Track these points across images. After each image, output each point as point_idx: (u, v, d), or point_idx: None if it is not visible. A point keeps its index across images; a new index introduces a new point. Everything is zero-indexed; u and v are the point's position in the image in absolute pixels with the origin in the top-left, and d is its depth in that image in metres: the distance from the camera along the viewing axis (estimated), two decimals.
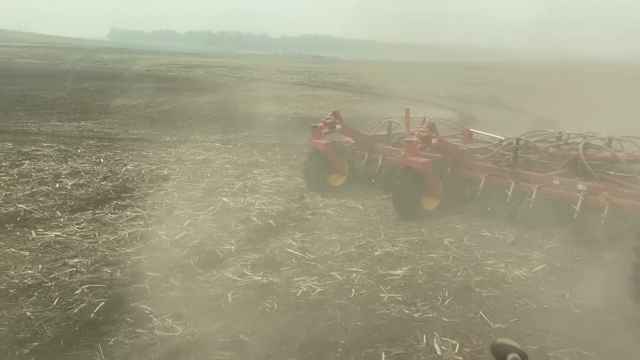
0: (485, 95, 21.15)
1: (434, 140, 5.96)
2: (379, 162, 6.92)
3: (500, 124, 10.73)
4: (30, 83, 20.39)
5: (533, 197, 5.46)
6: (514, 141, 6.02)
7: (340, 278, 4.25)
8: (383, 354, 3.21)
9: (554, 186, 5.43)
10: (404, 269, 4.45)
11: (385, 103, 18.73)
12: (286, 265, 4.49)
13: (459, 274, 4.42)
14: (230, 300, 3.87)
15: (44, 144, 9.33)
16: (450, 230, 5.46)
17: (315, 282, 4.15)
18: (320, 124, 6.93)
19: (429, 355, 3.25)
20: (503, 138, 6.50)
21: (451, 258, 4.74)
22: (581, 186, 5.24)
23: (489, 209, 5.80)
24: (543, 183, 5.51)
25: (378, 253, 4.79)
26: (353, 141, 7.32)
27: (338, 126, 6.98)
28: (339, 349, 3.29)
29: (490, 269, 4.51)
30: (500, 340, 1.50)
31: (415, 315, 3.74)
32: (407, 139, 6.05)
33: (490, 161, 6.20)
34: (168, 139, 10.62)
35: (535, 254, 4.91)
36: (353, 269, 4.41)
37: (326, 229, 5.42)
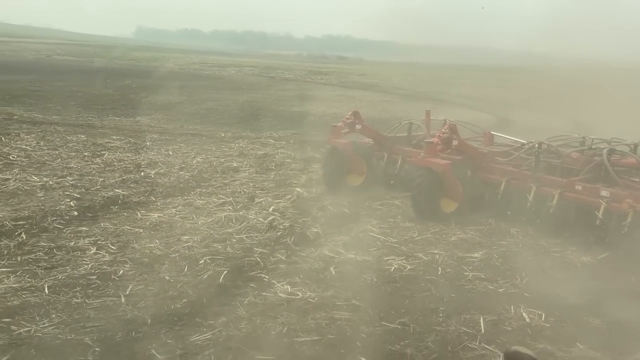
0: (516, 98, 21.39)
1: (454, 142, 5.97)
2: (398, 163, 6.84)
3: (534, 127, 11.07)
4: (74, 80, 21.28)
5: (554, 202, 5.37)
6: (536, 145, 5.99)
7: (425, 258, 4.78)
8: (481, 319, 3.72)
9: (577, 192, 5.34)
10: (480, 252, 4.95)
11: (418, 104, 19.12)
12: (373, 247, 5.03)
13: (530, 258, 4.91)
14: (333, 272, 4.41)
15: (113, 137, 10.01)
16: (516, 221, 5.83)
17: (404, 261, 4.68)
18: (340, 124, 6.95)
19: (519, 322, 3.75)
20: (525, 142, 6.46)
21: (520, 245, 5.23)
22: (604, 192, 5.14)
23: (508, 212, 5.76)
24: (565, 188, 5.41)
25: (453, 239, 5.30)
26: (372, 142, 7.27)
27: (358, 126, 6.94)
28: (440, 314, 3.81)
29: (558, 255, 4.98)
30: (515, 347, 1.43)
31: (499, 290, 4.24)
32: (427, 140, 6.06)
33: (512, 165, 6.13)
34: (223, 134, 11.23)
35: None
36: (435, 252, 4.93)
37: (399, 217, 5.95)
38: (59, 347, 3.17)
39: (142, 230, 5.21)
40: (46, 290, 3.85)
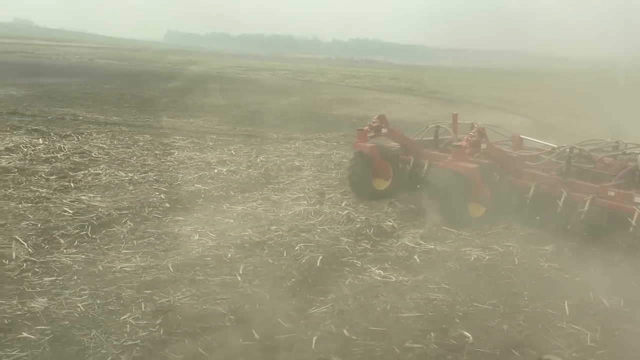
0: (550, 102, 21.35)
1: (483, 146, 5.85)
2: (425, 167, 6.74)
3: (574, 132, 11.18)
4: (121, 82, 22.18)
5: (585, 208, 5.26)
6: (567, 149, 5.88)
7: (501, 250, 5.14)
8: (565, 302, 4.07)
9: (609, 198, 5.23)
10: (550, 246, 5.27)
11: (456, 108, 19.33)
12: (449, 239, 5.41)
13: (598, 253, 5.20)
14: (418, 260, 4.81)
15: (176, 137, 10.59)
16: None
17: (481, 252, 5.05)
18: (366, 127, 6.87)
19: (600, 307, 4.07)
20: (556, 146, 6.38)
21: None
22: (638, 199, 5.03)
23: (537, 218, 5.66)
24: (597, 194, 5.31)
25: (522, 234, 5.63)
26: (399, 145, 7.20)
27: (384, 130, 6.88)
28: (525, 298, 4.17)
29: (625, 246, 5.27)
30: (547, 356, 1.41)
31: (575, 279, 4.58)
32: (455, 144, 5.93)
33: (541, 169, 6.02)
34: (275, 136, 11.73)
35: None
36: (508, 244, 5.29)
37: None
38: (199, 314, 3.65)
39: (232, 221, 5.70)
40: (170, 269, 4.35)
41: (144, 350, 3.23)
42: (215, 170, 7.92)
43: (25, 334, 3.32)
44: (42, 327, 3.41)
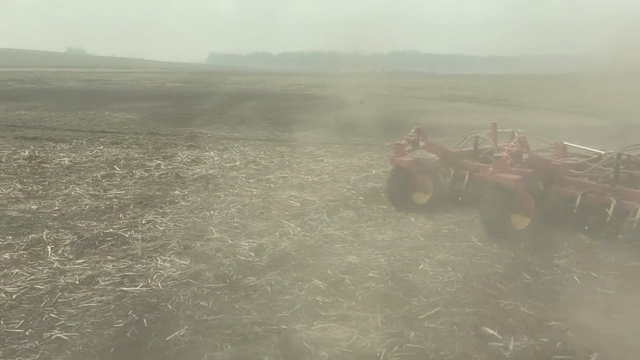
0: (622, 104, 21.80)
1: (524, 156, 5.75)
2: (466, 179, 6.67)
3: None
4: (206, 103, 23.96)
5: (637, 216, 5.11)
6: (615, 155, 5.76)
7: None
8: None
9: None
10: None
11: (530, 114, 20.13)
12: None
13: None
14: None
15: (309, 147, 11.99)
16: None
17: None
18: (403, 141, 6.84)
19: None
20: (602, 152, 6.28)
21: None
22: None
23: (586, 228, 5.58)
24: None
25: None
26: (438, 158, 7.16)
27: (422, 143, 6.85)
28: None
29: None
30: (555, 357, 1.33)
31: None
32: (496, 155, 5.80)
33: (587, 177, 5.92)
34: (388, 144, 13.08)
35: None
36: None
37: None
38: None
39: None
40: (420, 238, 5.70)
41: None
42: (374, 172, 9.28)
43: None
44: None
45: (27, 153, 10.38)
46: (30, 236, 5.56)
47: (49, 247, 5.28)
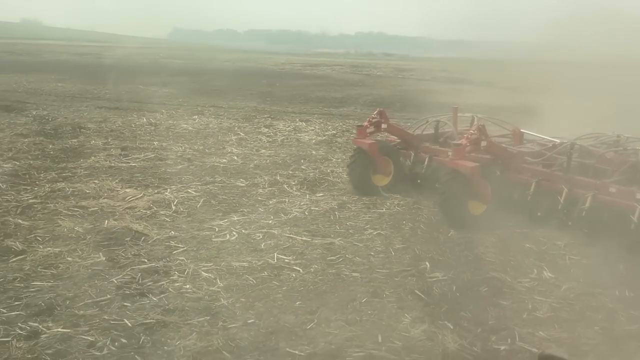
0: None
1: (483, 144, 5.79)
2: (426, 162, 6.75)
3: None
4: (221, 80, 24.67)
5: (587, 204, 5.29)
6: (569, 145, 5.90)
7: None
8: None
9: (611, 194, 5.26)
10: None
11: (536, 96, 22.33)
12: None
13: None
14: None
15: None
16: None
17: None
18: (366, 123, 6.85)
19: None
20: (557, 140, 6.41)
21: None
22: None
23: (538, 214, 5.71)
24: (598, 190, 5.34)
25: None
26: (399, 140, 7.20)
27: (384, 125, 6.87)
28: None
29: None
30: (549, 351, 1.49)
31: None
32: (456, 142, 5.83)
33: (542, 165, 6.07)
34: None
35: None
36: None
37: None
38: None
39: None
40: None
41: None
42: None
43: None
44: None
45: (144, 120, 11.76)
46: (265, 177, 7.33)
47: (286, 185, 7.08)
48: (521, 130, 7.07)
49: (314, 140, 10.56)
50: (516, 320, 3.89)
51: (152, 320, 3.64)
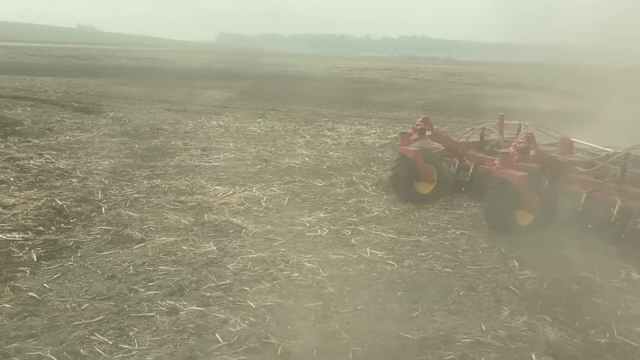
0: None
1: (531, 152, 5.63)
2: (470, 170, 6.69)
3: None
4: (274, 84, 25.49)
5: None
6: (623, 154, 5.62)
7: None
8: None
9: None
10: None
11: (587, 102, 21.83)
12: None
13: None
14: None
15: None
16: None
17: None
18: (410, 131, 6.72)
19: None
20: (610, 150, 6.20)
21: None
22: None
23: (589, 226, 5.50)
24: None
25: None
26: (443, 148, 7.15)
27: (428, 132, 6.77)
28: None
29: None
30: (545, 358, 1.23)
31: None
32: (503, 151, 5.64)
33: (593, 175, 5.88)
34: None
35: None
36: None
37: None
38: None
39: None
40: None
41: None
42: None
43: None
44: None
45: (214, 122, 12.39)
46: (340, 178, 7.71)
47: (362, 186, 7.42)
48: (571, 139, 6.90)
49: (377, 144, 10.87)
50: (611, 316, 4.06)
51: (271, 303, 4.03)
